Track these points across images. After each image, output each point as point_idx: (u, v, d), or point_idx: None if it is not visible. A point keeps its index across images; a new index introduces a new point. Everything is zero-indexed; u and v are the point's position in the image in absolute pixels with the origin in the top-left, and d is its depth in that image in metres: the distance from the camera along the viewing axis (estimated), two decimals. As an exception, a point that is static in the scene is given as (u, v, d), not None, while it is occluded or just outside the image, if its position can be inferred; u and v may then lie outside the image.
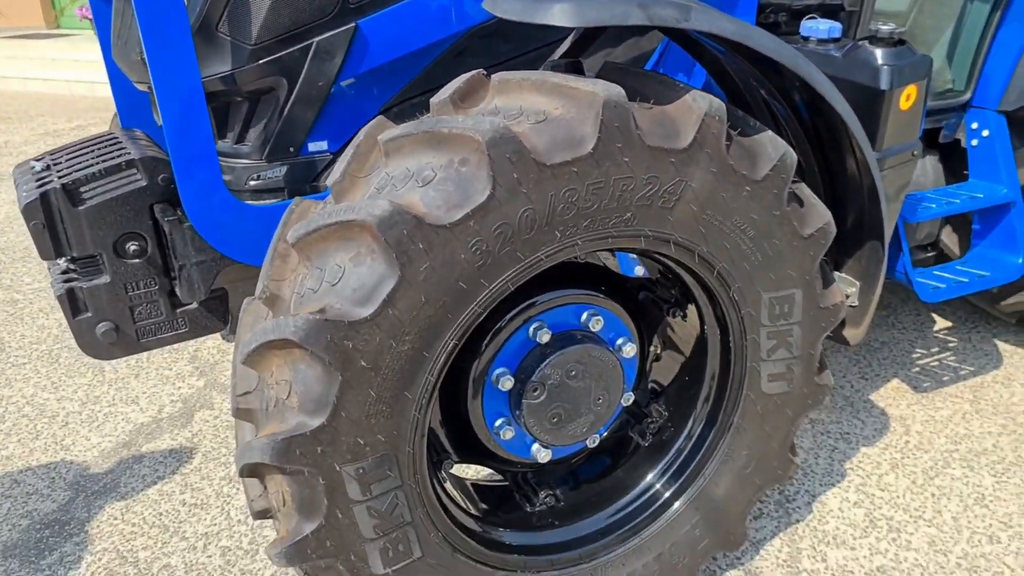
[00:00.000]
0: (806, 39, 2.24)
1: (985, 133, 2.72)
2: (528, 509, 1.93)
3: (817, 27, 2.20)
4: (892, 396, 3.00)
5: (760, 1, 2.28)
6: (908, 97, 2.09)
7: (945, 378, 3.12)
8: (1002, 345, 3.34)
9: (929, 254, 2.97)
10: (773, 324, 1.81)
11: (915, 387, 3.06)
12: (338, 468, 1.40)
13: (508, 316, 1.70)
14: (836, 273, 2.19)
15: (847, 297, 2.16)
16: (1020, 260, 2.68)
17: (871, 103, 2.08)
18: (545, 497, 1.93)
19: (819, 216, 1.76)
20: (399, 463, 1.48)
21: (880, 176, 1.92)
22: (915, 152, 2.18)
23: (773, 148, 1.63)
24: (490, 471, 2.14)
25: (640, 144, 1.45)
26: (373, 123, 1.60)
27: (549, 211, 1.41)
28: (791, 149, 1.65)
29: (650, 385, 2.14)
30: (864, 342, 3.36)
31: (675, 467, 1.98)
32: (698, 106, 1.51)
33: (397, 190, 1.38)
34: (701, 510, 1.95)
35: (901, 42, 2.10)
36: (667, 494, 1.95)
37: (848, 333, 2.18)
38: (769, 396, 1.90)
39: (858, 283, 2.11)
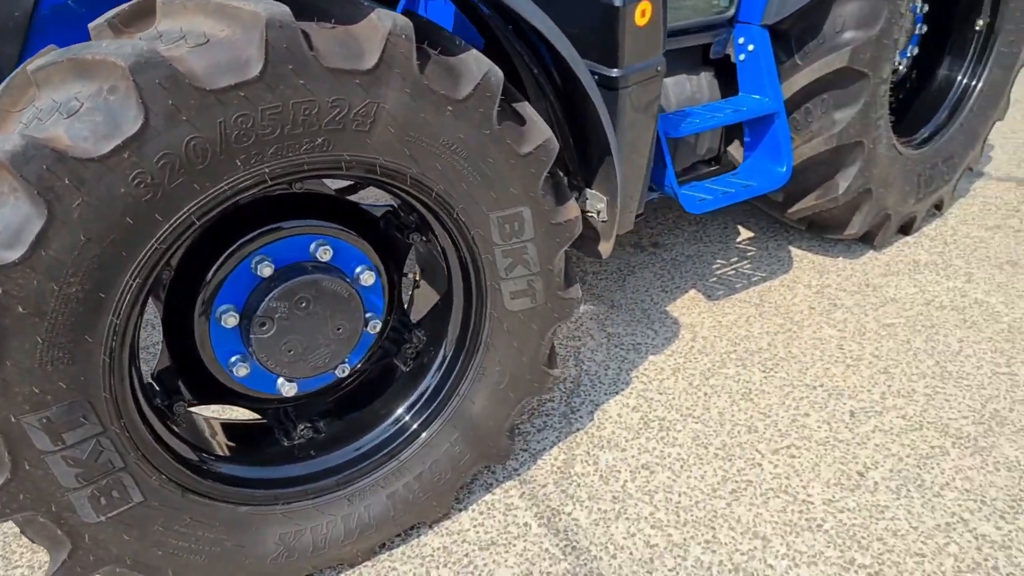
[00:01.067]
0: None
1: (751, 48, 2.83)
2: (285, 443, 1.94)
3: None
4: (687, 306, 3.17)
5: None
6: (643, 13, 2.13)
7: (738, 285, 3.32)
8: (793, 251, 3.57)
9: (712, 168, 3.11)
10: (506, 243, 1.86)
11: (709, 296, 3.24)
12: (15, 419, 1.35)
13: (227, 252, 1.67)
14: (587, 190, 2.26)
15: (598, 213, 2.24)
16: (783, 169, 2.84)
17: (606, 20, 2.11)
18: (303, 430, 1.95)
19: (539, 133, 1.80)
20: (96, 409, 1.44)
21: (599, 94, 1.96)
22: (659, 68, 2.24)
23: (477, 66, 1.64)
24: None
25: (317, 66, 1.41)
26: (40, 53, 1.49)
27: (221, 139, 1.37)
28: (496, 67, 1.66)
29: (413, 311, 2.17)
30: (672, 257, 3.53)
31: (432, 388, 2.02)
32: (383, 24, 1.48)
33: (42, 124, 1.30)
34: (459, 427, 2.02)
35: (636, -43, 2.12)
36: (425, 415, 2.01)
37: (601, 247, 2.27)
38: (514, 313, 1.96)
39: (605, 198, 2.19)
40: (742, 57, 2.86)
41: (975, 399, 2.56)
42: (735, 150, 3.15)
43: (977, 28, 3.57)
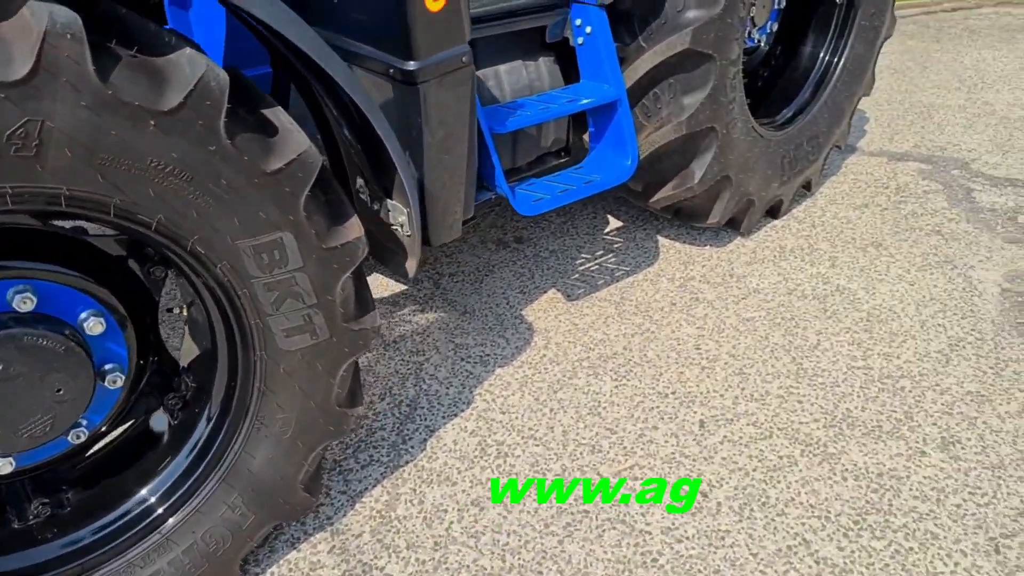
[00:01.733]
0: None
1: (589, 30, 2.61)
2: (16, 525, 1.63)
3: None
4: (544, 308, 2.96)
5: None
6: (437, -4, 1.87)
7: (600, 282, 3.13)
8: (661, 240, 3.41)
9: (562, 159, 2.89)
10: (267, 275, 1.58)
11: (568, 295, 3.04)
12: None
13: None
14: (388, 200, 2.00)
15: (401, 226, 1.98)
16: (628, 162, 2.64)
17: (393, 6, 1.84)
18: (38, 507, 1.64)
19: (291, 146, 1.52)
20: None
21: (359, 89, 1.70)
22: (464, 59, 1.98)
23: (191, 69, 1.34)
24: None
25: (-63, 79, 1.10)
26: None
27: None
28: (220, 71, 1.37)
29: (183, 353, 1.87)
30: (536, 253, 3.31)
31: (201, 444, 1.74)
32: (37, 24, 1.17)
33: None
34: (237, 487, 1.74)
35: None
36: (194, 475, 1.72)
37: (408, 265, 2.01)
38: (291, 353, 1.69)
39: (406, 210, 1.93)
40: (580, 41, 2.63)
41: (828, 399, 2.43)
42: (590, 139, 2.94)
43: (838, 1, 3.45)
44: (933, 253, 3.22)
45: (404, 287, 3.13)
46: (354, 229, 1.69)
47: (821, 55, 3.50)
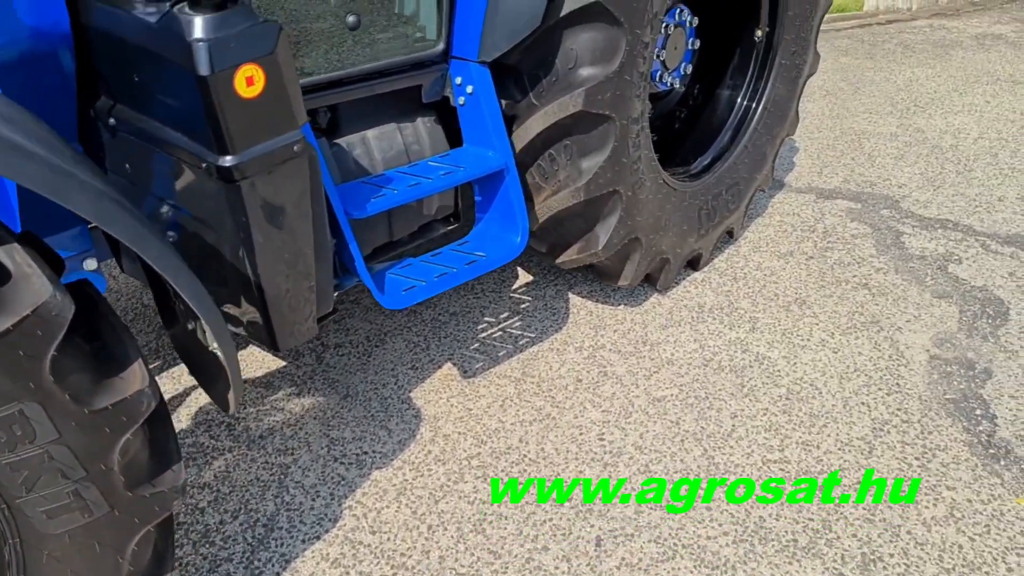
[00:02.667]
0: (135, -4, 1.60)
1: (470, 89, 2.31)
2: None
3: (139, -20, 1.57)
4: (436, 388, 2.66)
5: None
6: (251, 81, 1.54)
7: (501, 353, 2.85)
8: (572, 299, 3.14)
9: (451, 225, 2.58)
10: (8, 454, 1.25)
11: (465, 371, 2.75)
12: None
13: None
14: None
15: (217, 352, 1.66)
16: (518, 238, 2.36)
17: (198, 96, 1.52)
18: None
19: (28, 299, 1.19)
20: None
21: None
22: (296, 147, 1.67)
23: None
24: None
25: None
26: None
27: None
28: None
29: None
30: (435, 316, 3.01)
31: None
32: None
33: None
34: None
35: (229, 1, 1.53)
36: None
37: (230, 397, 1.69)
38: (58, 536, 1.36)
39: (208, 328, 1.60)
40: (462, 101, 2.34)
41: (740, 508, 2.19)
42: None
43: (756, 39, 3.22)
44: (859, 312, 3.01)
45: (282, 363, 2.80)
46: (135, 379, 1.37)
47: (740, 97, 3.27)
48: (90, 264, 1.89)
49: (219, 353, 1.60)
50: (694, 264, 3.27)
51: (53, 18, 1.61)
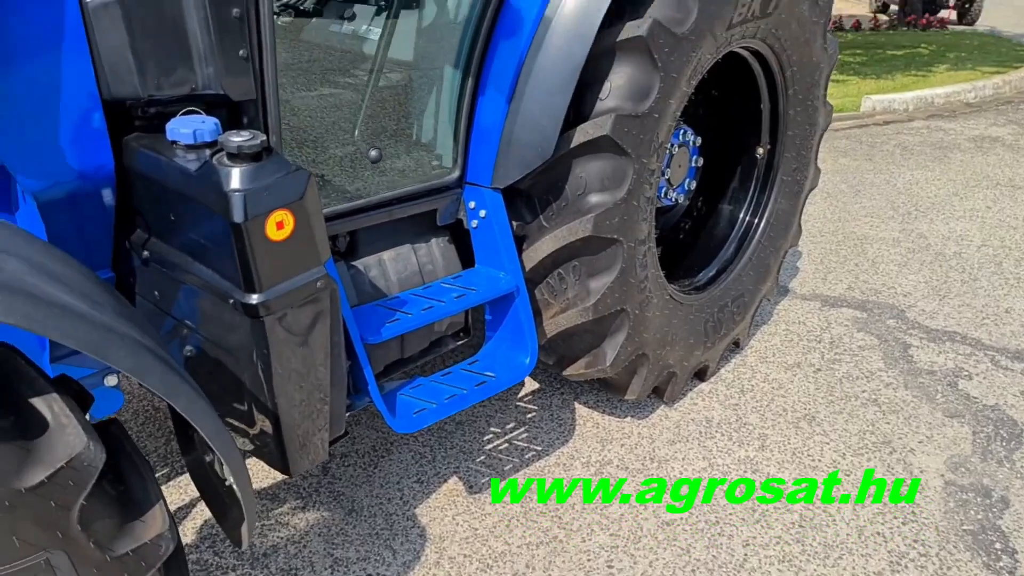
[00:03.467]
0: (174, 144, 1.71)
1: (483, 213, 2.40)
2: None
3: (179, 129, 1.67)
4: (441, 505, 2.65)
5: (111, 100, 1.70)
6: (281, 225, 1.62)
7: (508, 466, 2.84)
8: (578, 410, 3.15)
9: (461, 340, 2.63)
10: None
11: (471, 486, 2.74)
12: None
13: None
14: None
15: (233, 486, 1.68)
16: (527, 359, 2.40)
17: (230, 239, 1.59)
18: None
19: (63, 450, 1.22)
20: None
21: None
22: (320, 284, 1.73)
23: None
24: None
25: None
26: None
27: None
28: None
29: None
30: (441, 426, 3.02)
31: None
32: None
33: None
34: None
35: (265, 152, 1.62)
36: None
37: (243, 531, 1.70)
38: None
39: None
40: (474, 224, 2.42)
41: (751, 640, 2.15)
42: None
43: (758, 156, 3.34)
44: (870, 431, 3.01)
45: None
46: (155, 522, 1.38)
47: (743, 211, 3.37)
48: (110, 380, 1.94)
49: (235, 488, 1.62)
50: (701, 375, 3.30)
51: (100, 162, 1.71)
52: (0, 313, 1.02)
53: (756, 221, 3.32)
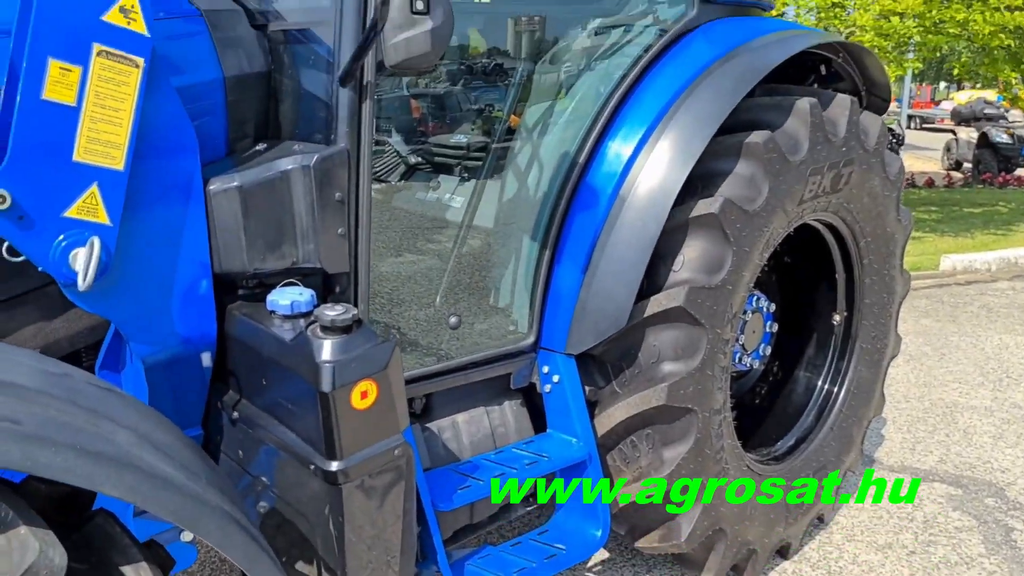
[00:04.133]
0: (272, 314, 1.84)
1: (556, 378, 2.44)
2: None
3: (278, 300, 1.81)
4: None
5: (220, 273, 1.86)
6: (365, 395, 1.69)
7: (577, 645, 2.69)
8: (653, 584, 2.99)
9: (531, 507, 2.59)
10: None
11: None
12: None
13: None
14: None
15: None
16: (599, 532, 2.34)
17: (316, 405, 1.67)
18: None
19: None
20: None
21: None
22: (398, 451, 1.77)
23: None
24: None
25: None
26: None
27: None
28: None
29: None
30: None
31: None
32: None
33: None
34: None
35: (355, 324, 1.72)
36: None
37: None
38: None
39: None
40: (548, 388, 2.45)
41: None
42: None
43: (835, 323, 3.30)
44: (972, 625, 2.75)
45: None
46: None
47: (821, 378, 3.29)
48: (186, 536, 1.98)
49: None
50: (783, 553, 3.11)
51: (205, 329, 1.85)
52: (110, 486, 1.09)
53: (836, 389, 3.23)
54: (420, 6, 1.79)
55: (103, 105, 1.55)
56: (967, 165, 16.12)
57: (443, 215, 2.91)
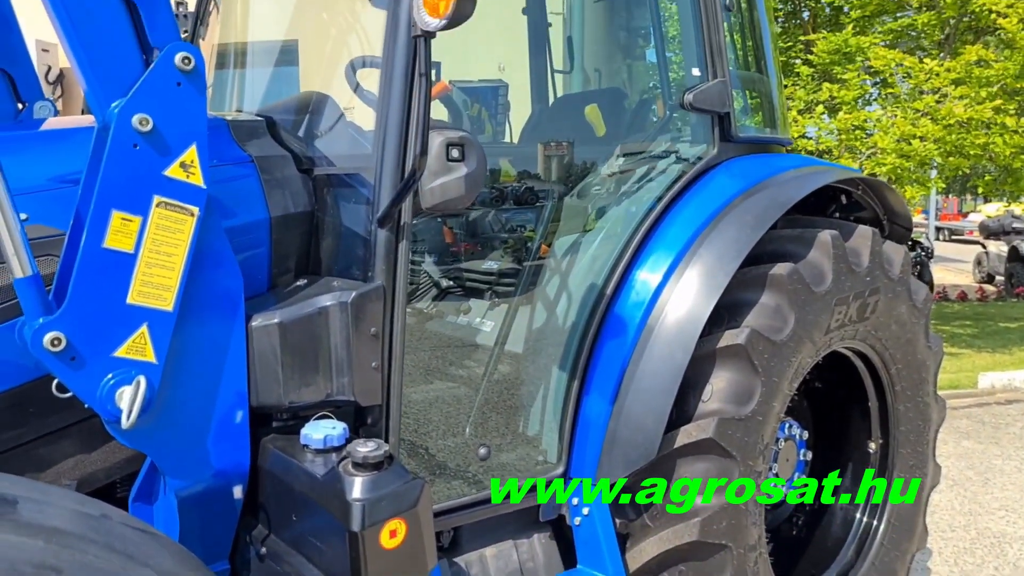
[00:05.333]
0: (306, 448, 1.87)
1: (586, 511, 2.40)
2: None
3: (311, 435, 1.84)
4: None
5: (256, 406, 1.91)
6: (394, 534, 1.69)
7: None
8: None
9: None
10: None
11: None
12: None
13: None
14: None
15: None
16: None
17: (345, 543, 1.67)
18: None
19: None
20: None
21: None
22: (422, 590, 1.75)
23: None
24: None
25: None
26: None
27: None
28: None
29: None
30: None
31: None
32: None
33: None
34: None
35: (386, 460, 1.74)
36: None
37: None
38: None
39: None
40: (577, 521, 2.41)
41: None
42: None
43: (870, 451, 3.23)
44: None
45: None
46: None
47: (859, 509, 3.19)
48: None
49: None
50: None
51: (239, 462, 1.87)
52: None
53: (875, 522, 3.12)
54: (455, 154, 1.91)
55: (158, 251, 1.65)
56: (999, 278, 16.00)
57: (474, 339, 2.96)
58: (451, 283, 3.40)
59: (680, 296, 2.48)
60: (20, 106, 2.59)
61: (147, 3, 1.64)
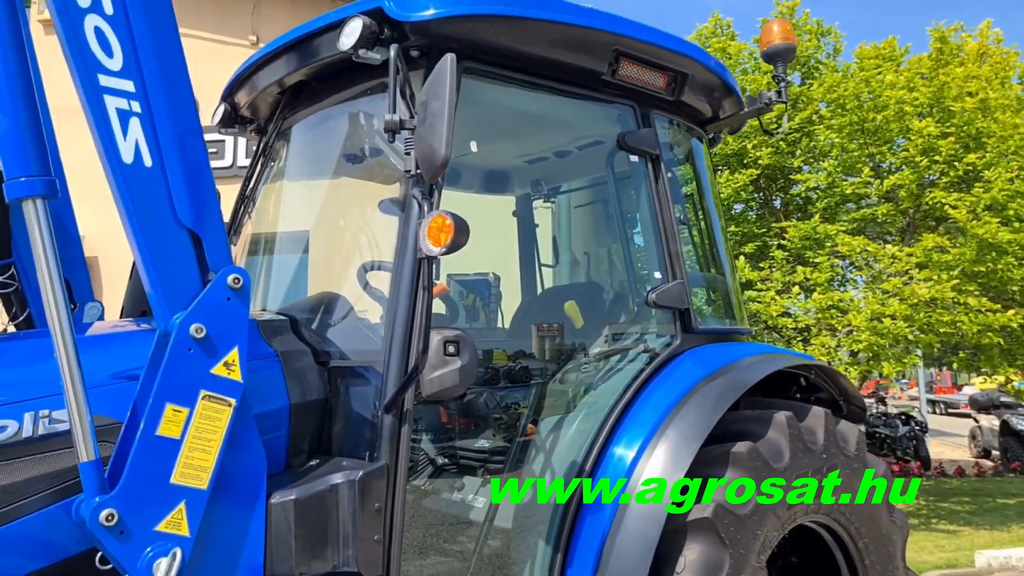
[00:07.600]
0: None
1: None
2: None
3: (318, 603, 2.05)
4: None
5: None
6: None
7: None
8: None
9: None
10: None
11: None
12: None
13: None
14: None
15: None
16: None
17: None
18: None
19: None
20: None
21: None
22: None
23: None
24: None
25: None
26: None
27: None
28: None
29: None
30: None
31: None
32: None
33: None
34: None
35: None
36: None
37: None
38: None
39: None
40: None
41: None
42: None
43: (850, 626, 3.32)
44: None
45: None
46: None
47: None
48: None
49: None
50: None
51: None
52: None
53: None
54: (452, 350, 2.27)
55: (200, 436, 1.96)
56: (995, 452, 15.96)
57: (467, 515, 3.17)
58: (446, 460, 3.66)
59: (651, 473, 2.75)
60: (73, 306, 3.01)
61: (209, 236, 2.08)
